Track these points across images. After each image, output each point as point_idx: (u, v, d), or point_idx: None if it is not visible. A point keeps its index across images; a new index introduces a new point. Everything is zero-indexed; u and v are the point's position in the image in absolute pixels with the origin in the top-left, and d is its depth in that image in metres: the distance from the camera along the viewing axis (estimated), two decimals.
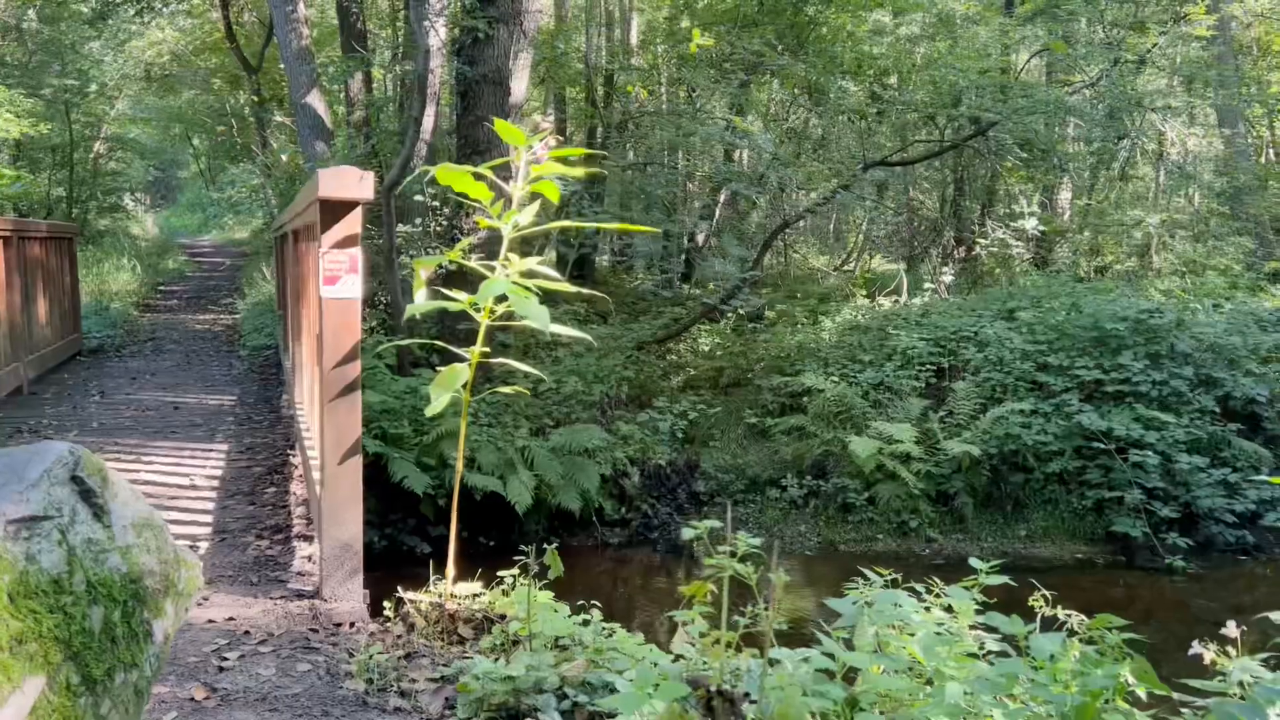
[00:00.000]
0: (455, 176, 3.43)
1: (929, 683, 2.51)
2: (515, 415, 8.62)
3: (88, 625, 1.67)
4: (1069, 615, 2.94)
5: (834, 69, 12.18)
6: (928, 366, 9.69)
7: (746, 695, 1.87)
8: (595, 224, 3.89)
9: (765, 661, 1.81)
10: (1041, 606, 3.02)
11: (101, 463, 1.85)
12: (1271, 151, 18.56)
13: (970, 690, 2.36)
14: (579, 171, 3.50)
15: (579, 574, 7.13)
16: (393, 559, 7.17)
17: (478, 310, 3.72)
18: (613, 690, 2.79)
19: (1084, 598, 6.23)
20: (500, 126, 3.53)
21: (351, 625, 3.48)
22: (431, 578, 3.84)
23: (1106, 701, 2.32)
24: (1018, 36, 13.04)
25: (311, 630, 3.40)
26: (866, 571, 2.98)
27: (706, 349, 11.67)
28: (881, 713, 1.89)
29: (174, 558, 1.92)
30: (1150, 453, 8.17)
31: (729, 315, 11.68)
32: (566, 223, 3.86)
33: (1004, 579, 2.73)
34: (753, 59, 11.82)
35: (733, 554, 1.94)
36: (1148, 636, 2.84)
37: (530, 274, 3.62)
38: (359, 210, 3.51)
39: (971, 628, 2.77)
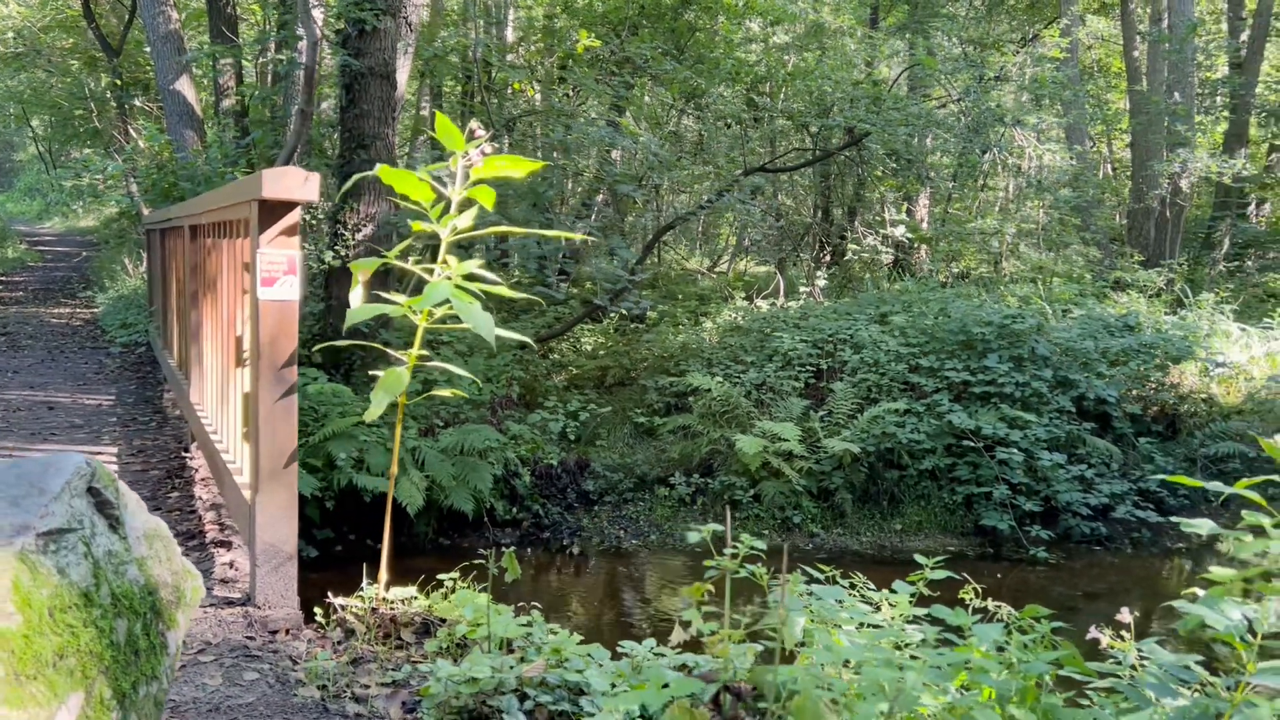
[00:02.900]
0: (399, 178, 3.42)
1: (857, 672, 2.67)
2: (404, 415, 8.51)
3: (115, 638, 1.65)
4: (999, 606, 3.17)
5: (713, 75, 12.45)
6: (807, 368, 10.01)
7: (754, 690, 1.97)
8: (538, 233, 3.92)
9: (779, 657, 1.92)
10: (972, 599, 3.25)
11: (112, 473, 1.82)
12: (1110, 166, 19.86)
13: (925, 680, 2.52)
14: (522, 171, 3.54)
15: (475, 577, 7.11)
16: None
17: (415, 313, 3.73)
18: (578, 690, 2.85)
19: (956, 586, 6.58)
20: (441, 129, 3.53)
21: (288, 632, 3.43)
22: (364, 581, 3.82)
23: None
24: (887, 52, 13.59)
25: (249, 638, 3.34)
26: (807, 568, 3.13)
27: (589, 348, 11.73)
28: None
29: (182, 569, 1.91)
30: (1014, 450, 8.67)
31: (612, 315, 11.77)
32: (507, 229, 3.88)
33: (947, 573, 2.91)
34: (638, 62, 11.97)
35: (733, 555, 2.04)
36: None
37: (471, 277, 3.65)
38: (298, 211, 3.46)
39: (914, 620, 2.96)
